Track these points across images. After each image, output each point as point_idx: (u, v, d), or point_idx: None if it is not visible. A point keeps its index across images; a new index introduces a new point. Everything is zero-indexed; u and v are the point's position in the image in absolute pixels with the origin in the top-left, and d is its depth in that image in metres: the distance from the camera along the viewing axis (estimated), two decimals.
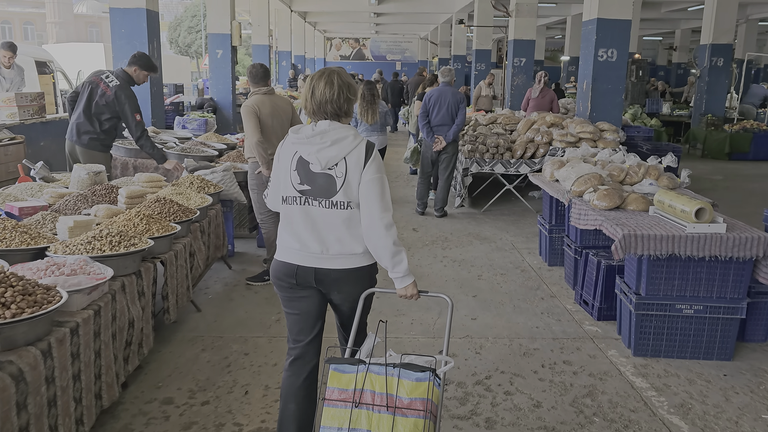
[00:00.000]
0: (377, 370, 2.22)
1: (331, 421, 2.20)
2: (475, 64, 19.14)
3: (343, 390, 2.22)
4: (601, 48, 9.41)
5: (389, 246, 2.53)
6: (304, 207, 2.57)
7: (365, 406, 2.18)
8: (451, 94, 7.79)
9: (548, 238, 5.89)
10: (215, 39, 14.20)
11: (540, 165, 7.85)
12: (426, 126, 7.80)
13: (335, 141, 2.52)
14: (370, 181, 2.53)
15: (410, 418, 2.15)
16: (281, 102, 5.23)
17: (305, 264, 2.60)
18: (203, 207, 4.83)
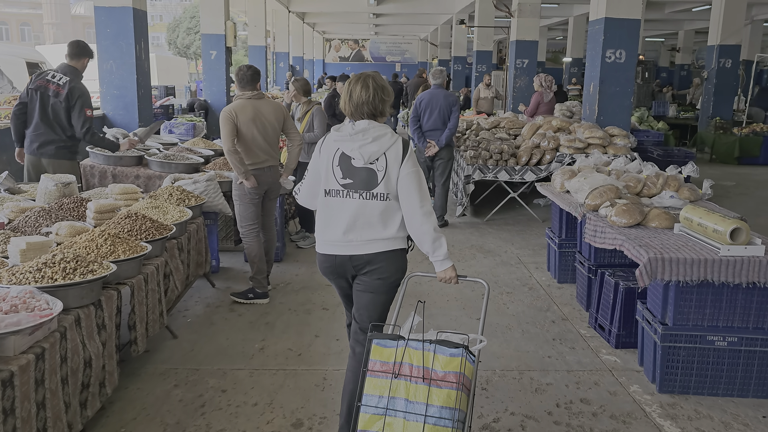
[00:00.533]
0: (415, 346, 2.46)
1: (373, 389, 2.45)
2: (475, 66, 18.69)
3: (384, 362, 2.47)
4: (609, 49, 8.97)
5: (430, 231, 2.76)
6: (346, 199, 2.79)
7: (404, 377, 2.43)
8: (443, 97, 7.37)
9: (558, 254, 5.43)
10: (209, 40, 13.77)
11: (546, 172, 7.40)
12: (417, 131, 7.37)
13: (376, 138, 2.76)
14: (409, 174, 2.76)
15: (444, 389, 2.38)
16: (268, 107, 4.78)
17: (342, 252, 2.83)
18: (181, 222, 4.38)
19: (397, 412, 2.40)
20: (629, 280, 4.19)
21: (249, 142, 4.67)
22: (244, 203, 4.78)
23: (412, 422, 2.37)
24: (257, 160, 4.75)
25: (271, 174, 4.85)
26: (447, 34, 26.48)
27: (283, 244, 6.11)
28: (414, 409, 2.38)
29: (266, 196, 4.93)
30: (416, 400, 2.38)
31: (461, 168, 7.67)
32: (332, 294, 5.10)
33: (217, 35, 13.70)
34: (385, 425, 2.40)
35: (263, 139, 4.75)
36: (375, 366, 2.48)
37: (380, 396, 2.43)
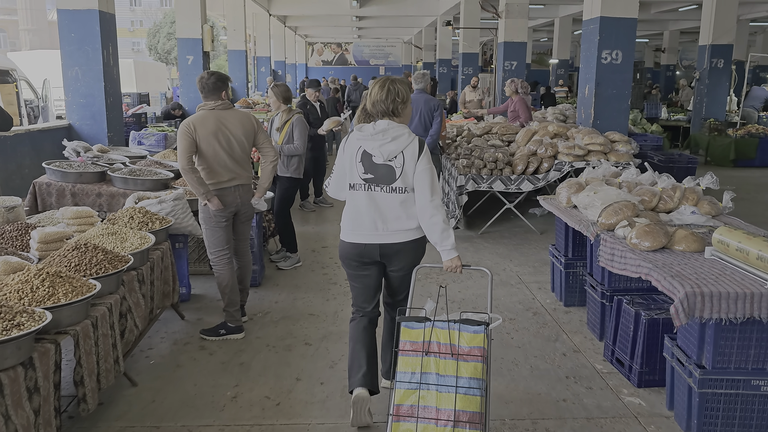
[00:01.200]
0: (441, 325, 2.70)
1: (406, 367, 2.68)
2: (462, 68, 18.24)
3: (413, 342, 2.71)
4: (604, 49, 8.52)
5: (439, 223, 3.04)
6: (368, 192, 3.09)
7: (433, 354, 2.67)
8: (423, 102, 6.88)
9: (564, 274, 4.93)
10: (185, 44, 13.18)
11: (544, 181, 6.91)
12: None
13: (394, 138, 3.04)
14: (423, 170, 3.05)
15: (471, 362, 2.64)
16: (234, 119, 4.22)
17: (371, 242, 3.12)
18: (141, 250, 3.82)
19: (429, 385, 2.65)
20: (651, 308, 3.69)
21: (210, 158, 4.12)
22: (210, 227, 4.22)
23: (444, 393, 2.63)
24: (221, 179, 4.19)
25: (241, 194, 4.29)
26: (431, 37, 26.04)
27: (262, 266, 5.56)
28: (445, 381, 2.64)
29: (237, 219, 4.37)
30: (446, 373, 2.64)
31: (453, 178, 7.16)
32: (316, 325, 4.56)
33: (194, 39, 13.11)
34: (420, 398, 2.64)
35: (228, 156, 4.19)
36: (405, 346, 2.72)
37: (413, 372, 2.67)
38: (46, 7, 43.96)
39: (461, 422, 2.60)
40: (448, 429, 2.60)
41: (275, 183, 5.94)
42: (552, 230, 7.35)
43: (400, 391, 2.68)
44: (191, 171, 4.02)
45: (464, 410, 2.60)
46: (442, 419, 2.61)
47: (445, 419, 2.61)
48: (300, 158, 5.84)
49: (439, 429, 2.61)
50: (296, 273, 5.76)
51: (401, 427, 2.65)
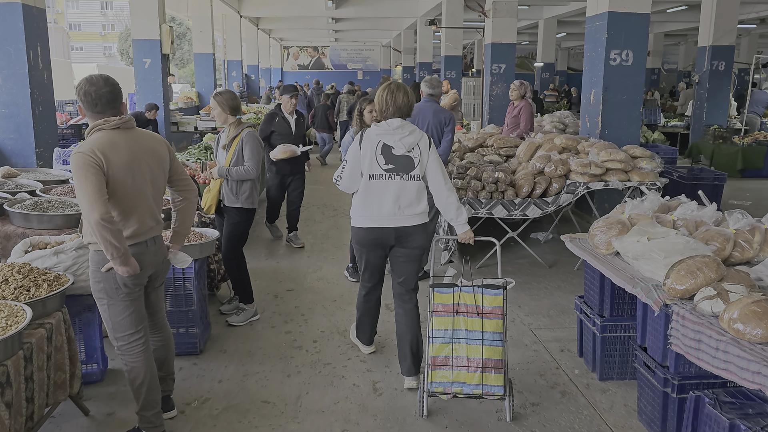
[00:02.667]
0: (467, 290, 3.30)
1: (439, 325, 3.25)
2: (444, 72, 17.07)
3: (445, 304, 3.28)
4: (613, 49, 7.38)
5: (454, 202, 3.58)
6: (389, 181, 3.49)
7: (461, 314, 3.25)
8: (432, 113, 5.64)
9: (600, 340, 3.72)
10: (141, 46, 11.81)
11: (554, 206, 5.71)
12: None
13: (411, 132, 3.52)
14: (436, 159, 3.55)
15: (493, 320, 3.25)
16: (149, 141, 2.98)
17: (389, 225, 3.52)
18: (11, 336, 2.55)
19: (460, 339, 3.22)
20: (750, 414, 2.50)
21: (128, 200, 2.86)
22: (116, 302, 2.92)
23: (472, 345, 3.20)
24: (142, 229, 2.93)
25: (158, 248, 3.04)
26: (411, 40, 24.87)
27: (206, 325, 4.28)
28: (473, 336, 3.22)
29: (150, 284, 3.10)
30: (473, 329, 3.23)
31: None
32: (270, 421, 3.29)
33: (151, 41, 11.75)
34: (453, 349, 3.21)
35: (152, 194, 2.95)
36: (438, 308, 3.27)
37: (446, 329, 3.24)
38: None
39: (488, 368, 3.15)
40: (478, 374, 3.16)
41: (221, 215, 4.67)
42: (563, 261, 6.16)
43: (436, 344, 3.21)
44: (111, 223, 2.71)
45: (490, 358, 3.16)
46: (472, 366, 3.17)
47: (475, 366, 3.17)
48: (253, 183, 4.57)
49: (470, 374, 3.16)
50: (251, 332, 4.49)
51: (438, 374, 3.20)
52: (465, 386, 3.18)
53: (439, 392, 3.21)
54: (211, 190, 4.58)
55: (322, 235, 7.32)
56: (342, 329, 4.53)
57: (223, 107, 4.47)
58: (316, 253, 6.53)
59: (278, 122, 6.24)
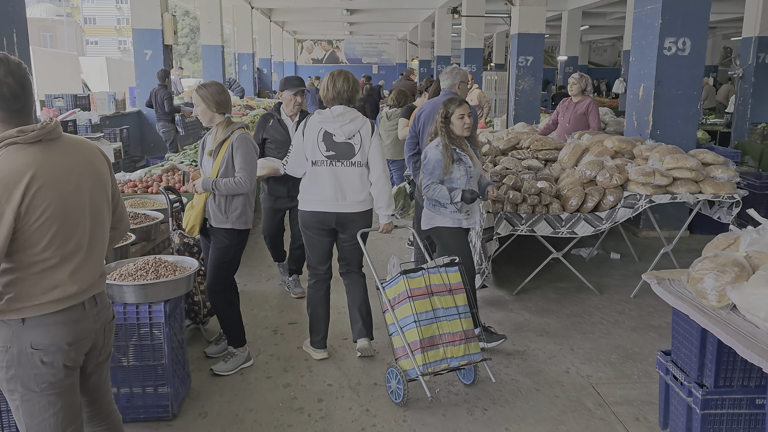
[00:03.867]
0: (433, 271, 3.46)
1: (421, 308, 3.34)
2: (464, 65, 16.05)
3: (419, 288, 3.39)
4: (668, 37, 6.38)
5: (388, 192, 3.72)
6: (330, 167, 3.64)
7: (436, 294, 3.41)
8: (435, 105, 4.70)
9: (699, 417, 2.75)
10: (142, 36, 10.94)
11: (610, 222, 4.74)
12: (415, 160, 4.78)
13: (352, 119, 3.65)
14: (376, 146, 3.70)
15: (459, 294, 3.48)
16: (87, 155, 2.08)
17: (330, 210, 3.67)
18: None
19: (440, 318, 3.36)
20: None
21: (60, 247, 1.95)
22: (34, 396, 1.98)
23: (453, 321, 3.39)
24: (80, 287, 2.02)
25: (99, 311, 2.12)
26: (428, 32, 23.82)
27: (183, 377, 3.37)
28: (449, 312, 3.40)
29: (89, 362, 2.17)
30: (448, 306, 3.41)
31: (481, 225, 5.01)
32: None
33: (153, 30, 10.88)
34: (438, 328, 3.33)
35: (98, 234, 2.05)
36: (414, 293, 3.35)
37: (427, 311, 3.34)
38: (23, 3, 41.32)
39: (469, 338, 3.41)
40: (462, 345, 3.37)
41: (207, 237, 3.76)
42: (615, 285, 5.19)
43: (422, 327, 3.30)
44: None
45: (468, 329, 3.42)
46: (457, 340, 3.37)
47: (459, 339, 3.37)
48: (246, 198, 3.65)
49: (457, 348, 3.35)
50: (241, 384, 3.57)
51: (430, 354, 3.28)
52: (452, 360, 3.32)
53: (430, 372, 3.28)
54: (194, 207, 3.66)
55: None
56: (354, 382, 3.60)
57: (208, 103, 3.54)
58: None
59: (272, 126, 4.67)
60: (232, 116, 3.74)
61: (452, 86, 4.67)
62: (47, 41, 43.28)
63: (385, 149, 7.20)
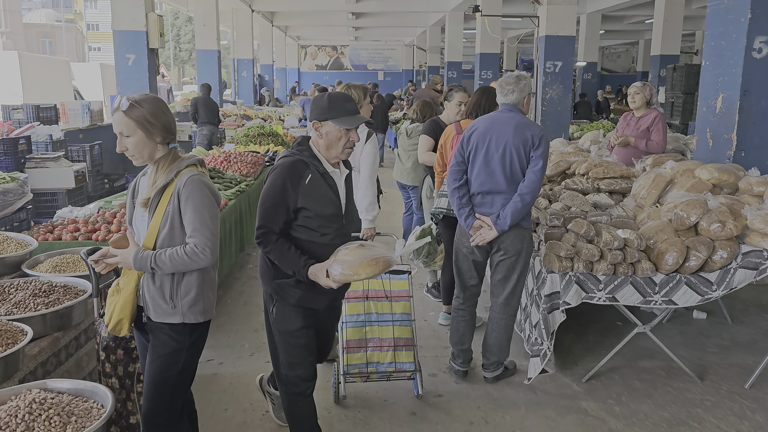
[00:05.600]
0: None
1: (352, 311, 3.38)
2: (479, 72, 14.74)
3: (355, 291, 3.40)
4: (759, 36, 5.04)
5: (369, 196, 3.71)
6: None
7: (372, 299, 3.43)
8: (513, 129, 3.37)
9: None
10: (124, 39, 9.61)
11: (724, 289, 3.37)
12: (461, 194, 3.49)
13: None
14: (368, 153, 3.71)
15: (400, 302, 3.46)
16: None
17: None
18: None
19: (372, 322, 3.37)
20: None
21: None
22: None
23: (384, 327, 3.38)
24: None
25: None
26: (437, 37, 22.52)
27: None
28: (383, 318, 3.40)
29: None
30: (383, 312, 3.41)
31: (536, 278, 3.65)
32: None
33: (136, 32, 9.54)
34: (366, 332, 3.35)
35: None
36: (349, 295, 3.35)
37: (358, 314, 3.37)
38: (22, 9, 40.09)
39: (399, 346, 3.35)
40: (390, 352, 3.33)
41: (144, 334, 2.41)
42: (722, 367, 3.80)
43: (349, 329, 3.33)
44: None
45: (401, 337, 3.37)
46: (384, 346, 3.33)
47: (387, 345, 3.34)
48: (204, 276, 2.31)
49: (383, 353, 3.32)
50: None
51: (354, 357, 3.29)
52: (379, 365, 3.31)
53: (354, 374, 3.28)
54: (119, 291, 2.32)
55: None
56: None
57: (149, 129, 2.22)
58: None
59: (312, 184, 2.47)
60: (178, 146, 2.40)
61: (520, 101, 3.38)
62: (46, 47, 42.14)
63: (405, 173, 5.85)
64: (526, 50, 29.43)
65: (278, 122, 12.64)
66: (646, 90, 5.29)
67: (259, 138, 8.72)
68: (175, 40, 44.58)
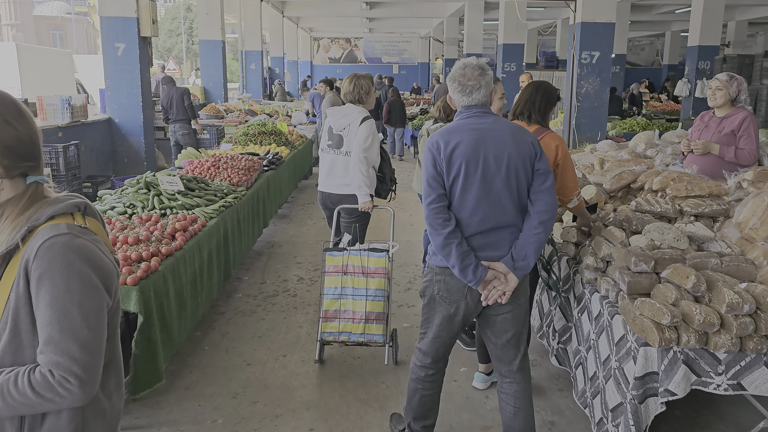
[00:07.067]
0: (354, 253, 3.58)
1: (330, 284, 3.57)
2: (502, 65, 13.61)
3: (335, 266, 3.58)
4: None
5: (359, 175, 3.95)
6: (328, 154, 4.15)
7: (349, 274, 3.56)
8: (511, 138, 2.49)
9: None
10: (112, 26, 8.57)
11: None
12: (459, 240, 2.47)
13: (345, 115, 4.09)
14: (360, 135, 3.95)
15: (376, 278, 3.55)
16: None
17: (325, 191, 4.19)
18: None
19: (347, 296, 3.54)
20: None
21: None
22: None
23: (358, 300, 3.53)
24: None
25: None
26: (455, 29, 21.32)
27: None
28: (358, 293, 3.53)
29: None
30: (359, 287, 3.54)
31: (614, 342, 2.56)
32: None
33: (126, 19, 8.51)
34: (341, 304, 3.54)
35: None
36: (329, 269, 3.59)
37: (335, 287, 3.56)
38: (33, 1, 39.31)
39: (371, 320, 3.51)
40: (361, 324, 3.51)
41: None
42: None
43: (326, 300, 3.56)
44: None
45: (372, 311, 3.51)
46: (356, 318, 3.52)
47: (359, 318, 3.52)
48: (81, 414, 1.26)
49: (355, 325, 3.51)
50: None
51: (328, 325, 3.54)
52: (351, 335, 3.52)
53: (330, 340, 3.55)
54: None
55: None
56: None
57: None
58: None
59: None
60: (46, 180, 1.34)
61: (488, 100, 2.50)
62: (57, 40, 41.35)
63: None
64: (545, 42, 28.11)
65: (285, 118, 11.59)
66: (733, 85, 4.15)
67: (260, 137, 7.67)
68: (188, 32, 43.64)
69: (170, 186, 4.29)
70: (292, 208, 8.02)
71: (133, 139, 8.79)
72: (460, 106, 2.56)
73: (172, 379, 3.44)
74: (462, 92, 2.50)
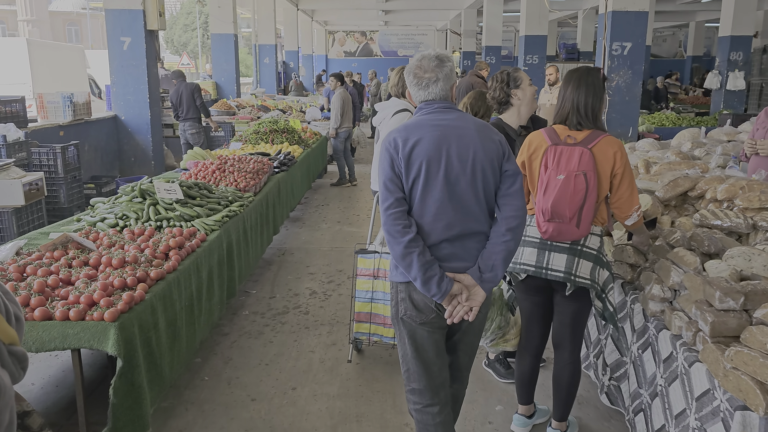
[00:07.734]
0: (386, 256, 3.45)
1: (361, 287, 3.52)
2: (523, 57, 13.01)
3: (366, 269, 3.54)
4: None
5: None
6: (376, 146, 4.24)
7: (380, 278, 3.49)
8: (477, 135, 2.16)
9: None
10: (118, 19, 8.16)
11: None
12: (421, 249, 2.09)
13: (383, 108, 4.16)
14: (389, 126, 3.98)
15: None
16: None
17: (374, 189, 4.24)
18: None
19: (378, 300, 3.48)
20: None
21: None
22: None
23: (388, 305, 3.24)
24: None
25: None
26: (473, 21, 20.68)
27: None
28: (388, 297, 2.82)
29: None
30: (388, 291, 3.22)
31: (690, 392, 2.06)
32: None
33: (132, 11, 8.09)
34: (372, 308, 3.49)
35: None
36: (361, 272, 3.53)
37: (366, 290, 3.51)
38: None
39: None
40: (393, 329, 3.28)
41: None
42: None
43: (359, 303, 3.52)
44: None
45: None
46: (387, 323, 3.43)
47: (390, 323, 3.34)
48: None
49: (386, 329, 3.46)
50: None
51: (361, 326, 3.52)
52: (383, 338, 3.51)
53: (362, 339, 3.60)
54: None
55: None
56: None
57: None
58: None
59: None
60: None
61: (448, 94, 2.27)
62: (72, 35, 41.18)
63: None
64: (565, 34, 27.36)
65: (299, 114, 11.12)
66: None
67: (271, 135, 7.20)
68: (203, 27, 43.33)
69: (168, 194, 3.83)
70: (305, 210, 7.55)
71: (140, 138, 8.38)
72: (419, 101, 2.24)
73: (164, 418, 2.99)
74: (418, 86, 2.22)
